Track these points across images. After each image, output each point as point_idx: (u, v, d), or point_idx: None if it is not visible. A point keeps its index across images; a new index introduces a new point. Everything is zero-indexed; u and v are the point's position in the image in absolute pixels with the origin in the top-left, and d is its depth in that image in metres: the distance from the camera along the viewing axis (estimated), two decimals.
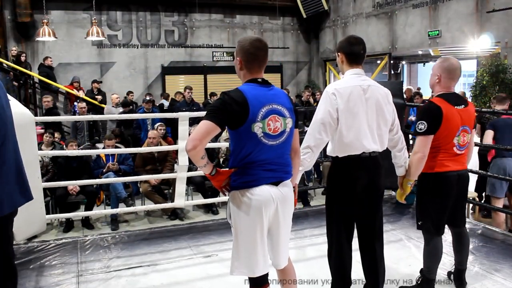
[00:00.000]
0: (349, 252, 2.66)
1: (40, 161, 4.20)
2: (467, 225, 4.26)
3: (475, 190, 5.63)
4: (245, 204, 2.13)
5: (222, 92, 2.14)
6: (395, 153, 2.78)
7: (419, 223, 2.95)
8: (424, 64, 15.75)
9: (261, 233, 2.16)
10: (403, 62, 15.61)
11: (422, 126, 2.72)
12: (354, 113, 2.49)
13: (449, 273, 3.19)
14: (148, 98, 8.93)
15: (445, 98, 2.77)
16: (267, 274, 2.25)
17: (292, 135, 2.26)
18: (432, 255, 2.90)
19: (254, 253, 2.17)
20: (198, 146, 2.02)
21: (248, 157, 2.12)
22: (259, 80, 2.18)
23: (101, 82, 10.45)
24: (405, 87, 10.84)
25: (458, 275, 3.06)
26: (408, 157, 2.85)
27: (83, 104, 8.02)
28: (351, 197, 2.57)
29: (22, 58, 9.99)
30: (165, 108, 9.40)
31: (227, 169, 2.20)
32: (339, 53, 2.63)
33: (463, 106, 2.79)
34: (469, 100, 9.11)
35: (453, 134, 2.76)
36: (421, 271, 3.02)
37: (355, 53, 2.57)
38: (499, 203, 4.77)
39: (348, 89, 2.49)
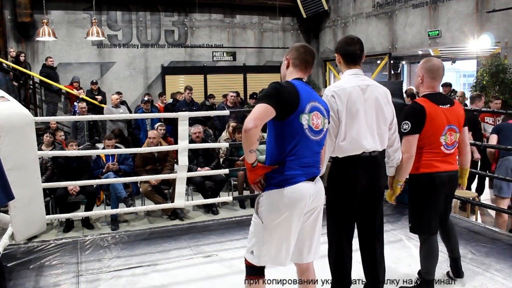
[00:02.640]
0: (349, 252, 2.66)
1: (39, 159, 4.19)
2: (466, 224, 4.29)
3: (476, 191, 5.66)
4: (281, 202, 2.17)
5: (272, 82, 2.22)
6: (389, 153, 2.78)
7: (410, 225, 2.95)
8: None
9: (293, 229, 2.22)
10: (403, 62, 15.60)
11: (406, 126, 2.75)
12: (353, 114, 2.49)
13: (448, 273, 3.19)
14: (146, 98, 8.90)
15: (430, 98, 2.81)
16: (264, 267, 2.31)
17: (326, 135, 2.36)
18: (428, 256, 2.90)
19: (287, 248, 2.23)
20: (259, 126, 2.07)
21: (291, 151, 2.17)
22: (304, 80, 2.31)
23: (96, 83, 10.41)
24: (405, 87, 10.82)
25: (454, 264, 3.11)
26: None
27: (83, 104, 8.02)
28: (352, 197, 2.57)
29: (21, 58, 9.97)
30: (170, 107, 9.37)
31: (269, 165, 2.23)
32: (336, 54, 2.65)
33: (448, 105, 2.82)
34: (469, 100, 9.14)
35: (439, 133, 2.79)
36: (419, 273, 3.01)
37: (350, 53, 2.58)
38: (504, 204, 4.77)
39: (346, 90, 2.50)
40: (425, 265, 2.91)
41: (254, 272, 2.29)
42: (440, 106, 2.79)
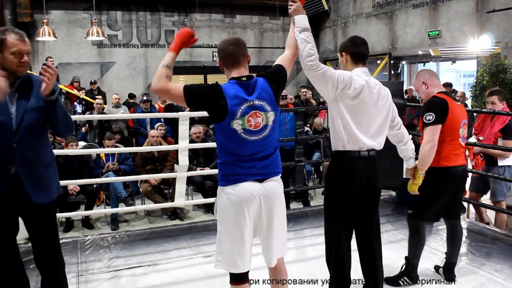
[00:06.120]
0: (349, 251, 2.66)
1: None
2: (466, 224, 4.29)
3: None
4: (227, 200, 2.16)
5: (214, 83, 2.21)
6: (401, 147, 2.82)
7: (411, 211, 3.05)
8: (424, 64, 15.74)
9: (241, 229, 2.15)
10: (403, 62, 15.59)
11: (430, 117, 2.84)
12: (359, 109, 2.51)
13: (436, 267, 3.28)
14: (145, 98, 8.92)
15: (447, 94, 2.96)
16: (247, 272, 2.26)
17: (277, 126, 2.26)
18: (419, 243, 3.05)
19: (233, 250, 2.17)
20: (161, 87, 2.16)
21: (231, 152, 2.16)
22: (243, 78, 2.20)
23: (96, 82, 10.41)
24: (405, 87, 10.82)
25: (448, 268, 3.15)
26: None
27: (100, 100, 8.10)
28: (351, 195, 2.58)
29: None
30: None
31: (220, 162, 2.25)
32: (343, 53, 2.67)
33: (458, 103, 3.01)
34: (469, 100, 9.13)
35: (458, 126, 2.92)
36: (406, 258, 3.11)
37: (360, 53, 2.63)
38: (501, 205, 4.74)
39: (359, 82, 2.52)
40: (414, 251, 3.05)
41: (237, 278, 2.23)
42: (456, 102, 2.97)
